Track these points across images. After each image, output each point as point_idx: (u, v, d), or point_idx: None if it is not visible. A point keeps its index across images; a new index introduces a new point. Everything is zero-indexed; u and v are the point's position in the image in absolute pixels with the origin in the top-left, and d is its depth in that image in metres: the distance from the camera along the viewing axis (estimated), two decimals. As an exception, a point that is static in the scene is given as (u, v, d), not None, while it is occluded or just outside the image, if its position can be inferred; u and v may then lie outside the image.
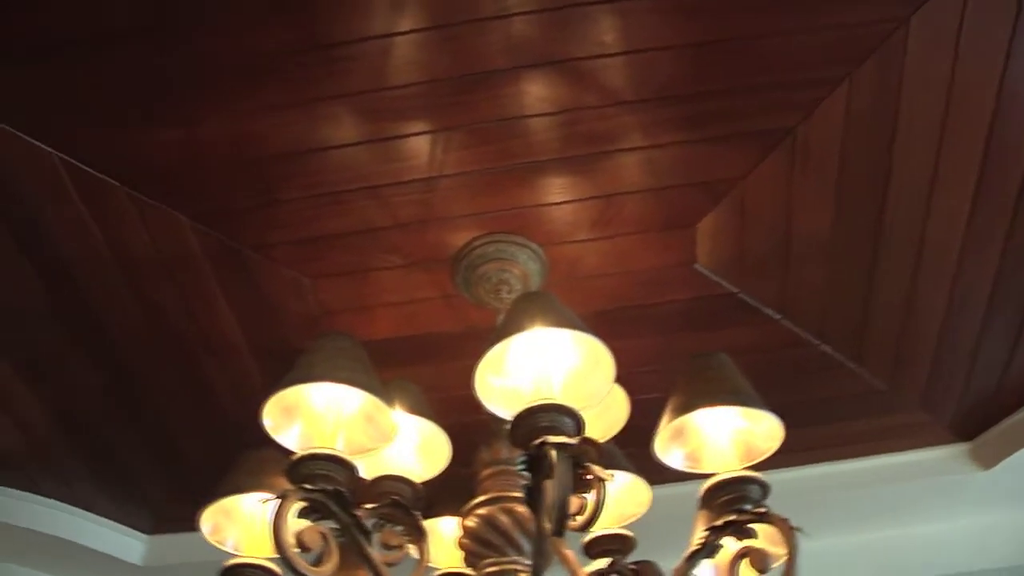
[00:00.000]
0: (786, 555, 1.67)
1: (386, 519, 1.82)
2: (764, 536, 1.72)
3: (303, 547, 1.53)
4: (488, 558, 1.70)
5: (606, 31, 1.96)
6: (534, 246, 2.35)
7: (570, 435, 1.60)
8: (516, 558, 1.69)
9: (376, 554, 1.63)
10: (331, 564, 1.55)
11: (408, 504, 1.86)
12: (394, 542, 1.78)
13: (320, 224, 2.38)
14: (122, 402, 2.92)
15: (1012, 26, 1.96)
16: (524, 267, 2.35)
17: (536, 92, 2.07)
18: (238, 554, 1.83)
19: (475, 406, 1.75)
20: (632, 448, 2.09)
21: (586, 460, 1.67)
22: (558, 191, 2.27)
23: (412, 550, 1.82)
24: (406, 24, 1.96)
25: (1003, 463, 2.89)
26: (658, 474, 2.02)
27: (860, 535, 3.16)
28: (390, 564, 1.69)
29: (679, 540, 1.84)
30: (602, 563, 1.96)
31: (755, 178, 2.24)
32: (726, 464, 1.80)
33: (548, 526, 1.52)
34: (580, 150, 2.18)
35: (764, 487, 1.75)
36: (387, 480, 1.91)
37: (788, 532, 1.66)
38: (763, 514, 1.71)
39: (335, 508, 1.61)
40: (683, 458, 1.90)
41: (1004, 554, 3.06)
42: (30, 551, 3.40)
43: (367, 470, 1.89)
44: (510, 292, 2.30)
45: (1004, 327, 2.61)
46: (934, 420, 2.94)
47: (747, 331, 2.59)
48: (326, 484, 1.62)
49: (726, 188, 2.27)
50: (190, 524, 1.96)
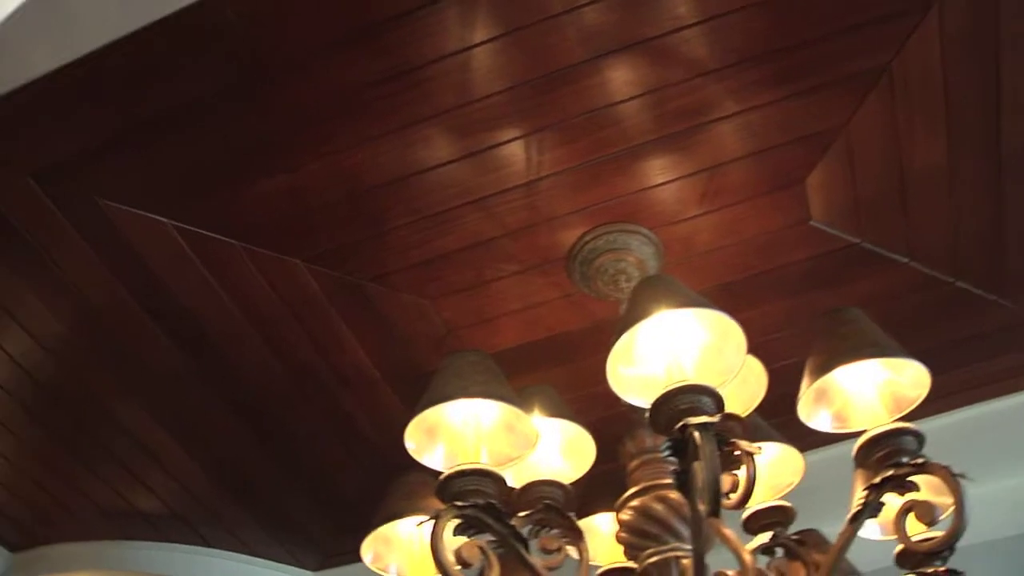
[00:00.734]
0: (952, 504, 1.61)
1: (541, 524, 1.82)
2: (927, 487, 1.67)
3: (464, 563, 1.55)
4: (648, 548, 1.69)
5: (678, 4, 1.93)
6: (645, 231, 2.33)
7: (711, 414, 1.58)
8: (676, 544, 1.68)
9: (537, 560, 1.63)
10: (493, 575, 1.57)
11: (561, 506, 1.86)
12: (553, 546, 1.79)
13: (431, 245, 2.41)
14: (272, 448, 3.01)
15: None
16: (638, 254, 2.33)
17: (620, 78, 2.06)
18: (403, 580, 1.87)
19: (613, 400, 1.75)
20: (777, 417, 2.05)
21: (732, 436, 1.64)
22: (659, 172, 2.24)
23: (572, 551, 1.82)
24: (479, 35, 1.97)
25: None
26: (808, 439, 1.98)
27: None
28: (552, 568, 1.70)
29: (840, 504, 1.80)
30: (764, 538, 1.92)
31: (857, 123, 2.18)
32: (876, 419, 1.75)
33: (703, 508, 1.50)
34: (674, 127, 2.16)
35: (919, 437, 1.70)
36: (537, 486, 1.92)
37: (951, 480, 1.61)
38: (922, 465, 1.65)
39: (489, 521, 1.62)
40: (830, 419, 1.86)
41: None
42: None
43: (515, 478, 1.91)
44: (629, 281, 2.28)
45: None
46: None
47: (875, 280, 2.51)
48: (477, 498, 1.64)
49: (829, 138, 2.21)
50: (354, 556, 2.01)
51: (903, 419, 1.73)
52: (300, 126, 2.14)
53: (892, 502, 1.69)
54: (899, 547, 1.71)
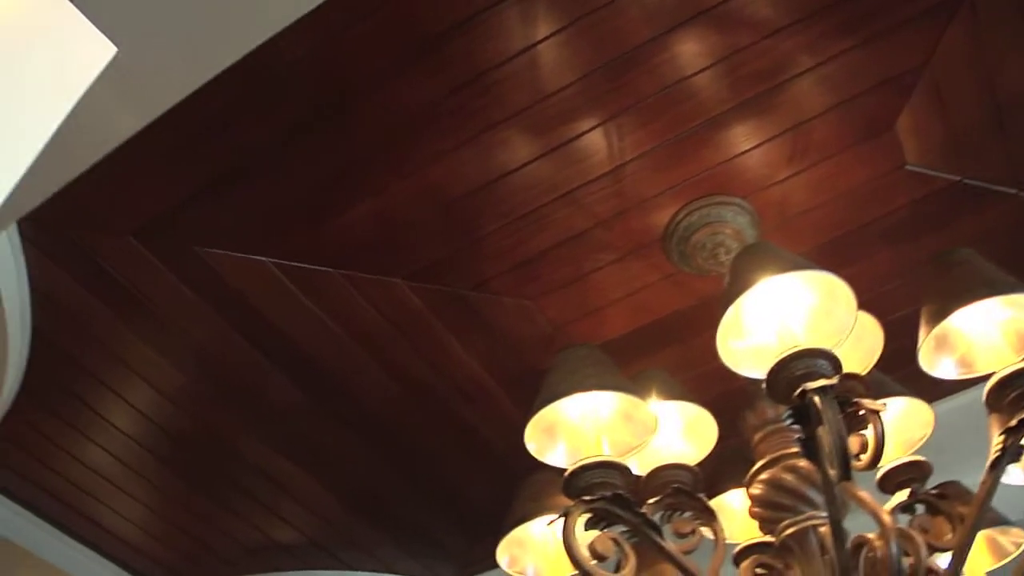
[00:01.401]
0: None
1: (672, 508, 1.80)
2: (1069, 425, 1.59)
3: (599, 557, 1.54)
4: (784, 520, 1.66)
5: (736, -33, 1.90)
6: (738, 200, 2.30)
7: (829, 376, 1.54)
8: (812, 513, 1.64)
9: (672, 545, 1.62)
10: (629, 567, 1.56)
11: (690, 488, 1.84)
12: (686, 529, 1.76)
13: (526, 246, 2.41)
14: (398, 467, 3.05)
15: None
16: (734, 224, 2.30)
17: (688, 51, 2.03)
18: (541, 580, 1.87)
19: (728, 375, 1.72)
20: (899, 371, 2.00)
21: (853, 396, 1.60)
22: (744, 139, 2.21)
23: (706, 532, 1.79)
24: (542, 31, 1.96)
25: None
26: (935, 389, 1.93)
27: None
28: (688, 552, 1.68)
29: (978, 453, 1.74)
30: (901, 496, 1.87)
31: (941, 57, 2.11)
32: (1002, 359, 1.68)
33: (833, 473, 1.46)
34: (751, 92, 2.12)
35: (1052, 372, 1.63)
36: (663, 470, 1.90)
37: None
38: (1059, 399, 1.58)
39: (619, 511, 1.61)
40: (954, 366, 1.79)
41: None
42: None
43: (640, 466, 1.89)
44: (728, 253, 2.25)
45: None
46: None
47: (982, 216, 2.43)
48: (604, 491, 1.62)
49: (913, 78, 2.14)
50: (491, 563, 2.02)
51: (1031, 356, 1.67)
52: (378, 149, 2.17)
53: (1034, 443, 1.63)
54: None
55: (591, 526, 1.61)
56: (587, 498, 1.62)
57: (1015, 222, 2.45)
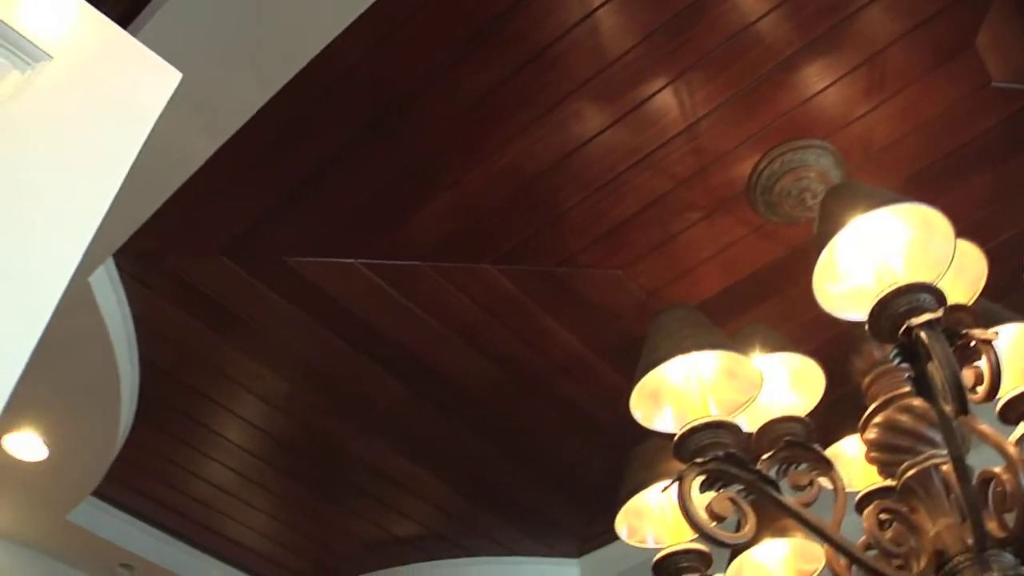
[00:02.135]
0: None
1: (788, 462, 1.77)
2: None
3: (717, 518, 1.52)
4: (903, 462, 1.62)
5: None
6: (818, 142, 2.24)
7: (933, 310, 1.49)
8: (932, 452, 1.60)
9: (791, 499, 1.59)
10: (750, 524, 1.54)
11: (803, 440, 1.80)
12: (804, 481, 1.74)
13: (610, 215, 2.39)
14: (509, 450, 3.06)
15: None
16: (817, 167, 2.24)
17: (749, -4, 1.99)
18: (662, 546, 1.85)
19: (829, 321, 1.69)
20: (1008, 297, 1.93)
21: (962, 328, 1.55)
22: (817, 78, 2.15)
23: (824, 483, 1.76)
24: (598, -2, 1.94)
25: None
26: (1050, 310, 1.86)
27: None
28: (808, 504, 1.65)
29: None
30: (1025, 425, 1.81)
31: (1016, -35, 2.03)
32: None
33: (949, 409, 1.42)
34: (819, 29, 2.06)
35: None
36: (774, 425, 1.87)
37: None
38: None
39: (733, 470, 1.59)
40: (1068, 283, 1.73)
41: None
42: None
43: (749, 423, 1.86)
44: (815, 197, 2.20)
45: None
46: None
47: (1082, 125, 2.33)
48: (716, 451, 1.60)
49: (989, -10, 2.06)
50: (611, 535, 2.01)
51: None
52: (449, 139, 2.17)
53: None
54: None
55: (706, 488, 1.59)
56: (699, 460, 1.60)
57: (1114, 128, 2.35)
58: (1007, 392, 1.77)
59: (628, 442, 2.07)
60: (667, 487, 1.62)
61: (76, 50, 1.34)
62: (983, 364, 1.50)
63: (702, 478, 1.59)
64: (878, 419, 1.71)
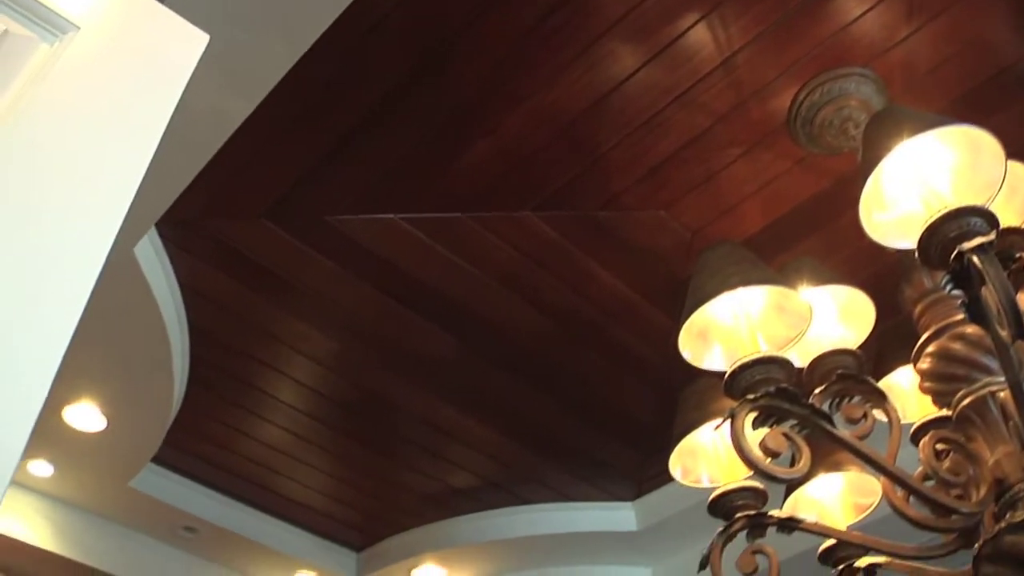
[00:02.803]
0: None
1: (841, 395, 1.75)
2: None
3: (772, 454, 1.51)
4: (959, 391, 1.59)
5: None
6: (859, 70, 2.19)
7: (985, 233, 1.45)
8: (988, 379, 1.57)
9: (845, 433, 1.57)
10: (805, 459, 1.52)
11: (856, 373, 1.78)
12: (857, 414, 1.71)
13: (649, 155, 2.37)
14: (560, 397, 3.07)
15: None
16: (859, 95, 2.19)
17: (779, -78, 1.94)
18: (716, 486, 1.85)
19: (878, 251, 1.66)
20: (1062, 215, 1.89)
21: (1016, 251, 1.52)
22: (854, 3, 2.09)
23: (879, 415, 1.74)
24: (625, -68, 1.90)
25: None
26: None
27: None
28: (862, 437, 1.63)
29: None
30: (1087, 346, 1.77)
31: None
32: None
33: (1005, 334, 1.39)
34: (856, -49, 2.01)
35: None
36: (825, 358, 1.84)
37: None
38: None
39: (786, 405, 1.57)
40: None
41: None
42: (534, 552, 3.68)
43: (800, 358, 1.84)
44: (857, 126, 2.16)
45: None
46: None
47: None
48: (767, 386, 1.58)
49: None
50: (665, 477, 2.01)
51: None
52: (485, 86, 2.15)
53: None
54: None
55: (759, 424, 1.57)
56: (751, 396, 1.58)
57: None
58: (1066, 314, 1.73)
59: (679, 383, 2.06)
60: (719, 425, 1.61)
61: (102, 18, 1.33)
62: (1039, 287, 1.47)
63: (754, 415, 1.57)
64: (931, 348, 1.68)
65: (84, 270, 1.10)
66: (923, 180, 1.56)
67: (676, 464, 1.93)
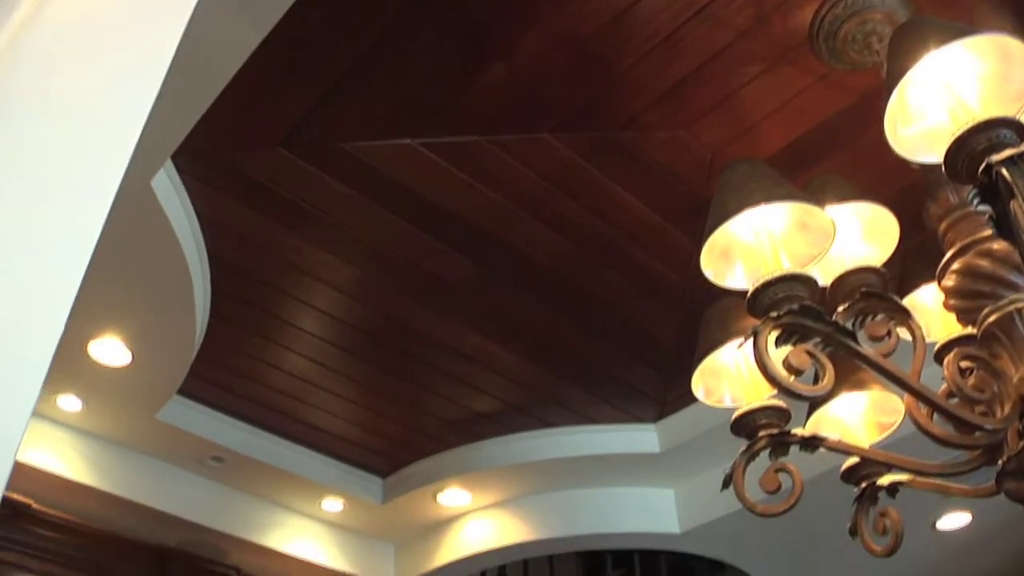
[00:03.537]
0: None
1: (864, 313, 1.72)
2: None
3: (794, 371, 1.49)
4: (984, 308, 1.57)
5: None
6: (883, -20, 2.13)
7: (1015, 145, 1.42)
8: (1014, 296, 1.54)
9: (869, 350, 1.56)
10: (828, 376, 1.51)
11: (880, 291, 1.76)
12: (881, 331, 1.68)
13: (668, 74, 2.33)
14: (582, 320, 3.07)
15: None
16: (883, 8, 2.13)
17: None
18: (739, 405, 1.84)
19: (903, 167, 1.63)
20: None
21: (1048, 163, 1.48)
22: (879, -89, 2.04)
23: (902, 332, 1.72)
24: None
25: None
26: None
27: None
28: (886, 354, 1.61)
29: None
30: (1117, 261, 1.74)
31: None
32: None
33: (1035, 248, 1.36)
34: None
35: None
36: (849, 276, 1.82)
37: None
38: None
39: (809, 323, 1.55)
40: None
41: None
42: (557, 475, 3.72)
43: (824, 276, 1.82)
44: (881, 40, 2.10)
45: None
46: None
47: None
48: (791, 304, 1.56)
49: None
50: (688, 398, 2.01)
51: None
52: (499, 8, 2.11)
53: None
54: None
55: (782, 342, 1.55)
56: (774, 314, 1.56)
57: None
58: (1096, 227, 1.70)
59: (702, 304, 2.05)
60: (742, 343, 1.60)
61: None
62: (1070, 199, 1.44)
63: (777, 332, 1.56)
64: (956, 265, 1.65)
65: (95, 200, 1.08)
66: (950, 92, 1.52)
67: (699, 384, 1.92)
